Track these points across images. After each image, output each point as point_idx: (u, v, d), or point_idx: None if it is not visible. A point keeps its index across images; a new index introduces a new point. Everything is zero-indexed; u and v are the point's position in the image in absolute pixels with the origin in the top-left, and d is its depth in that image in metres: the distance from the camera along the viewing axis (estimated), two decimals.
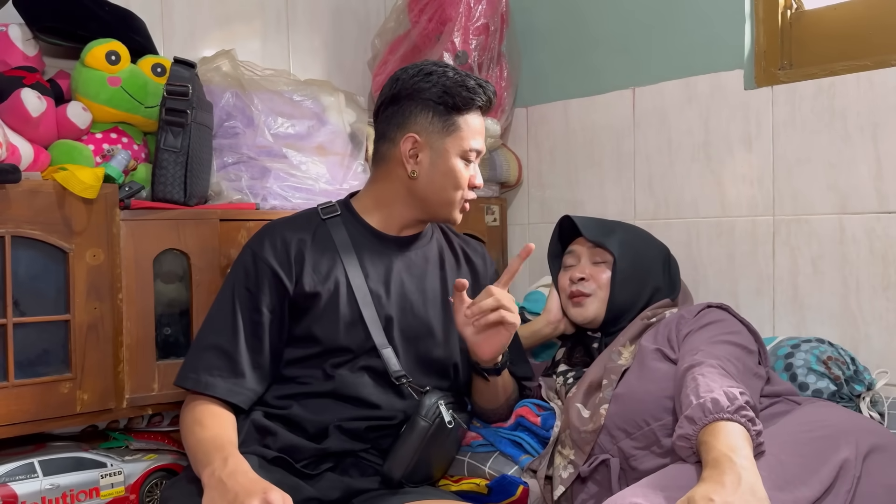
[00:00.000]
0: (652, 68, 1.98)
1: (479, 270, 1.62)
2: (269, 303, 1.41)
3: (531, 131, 2.27)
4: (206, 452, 1.26)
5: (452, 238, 1.63)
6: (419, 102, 1.45)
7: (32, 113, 1.41)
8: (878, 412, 1.47)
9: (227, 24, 2.07)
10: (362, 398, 1.41)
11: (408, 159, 1.46)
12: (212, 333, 1.40)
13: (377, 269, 1.47)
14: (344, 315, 1.42)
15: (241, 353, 1.38)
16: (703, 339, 1.35)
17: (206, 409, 1.35)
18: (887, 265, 1.61)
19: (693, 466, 1.15)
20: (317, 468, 1.39)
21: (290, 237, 1.45)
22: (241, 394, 1.37)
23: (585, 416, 1.41)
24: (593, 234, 1.58)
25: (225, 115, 1.74)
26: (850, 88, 1.65)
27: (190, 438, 1.32)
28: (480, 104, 1.48)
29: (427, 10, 2.12)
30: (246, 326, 1.40)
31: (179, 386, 1.39)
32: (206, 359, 1.38)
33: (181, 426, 1.36)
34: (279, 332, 1.42)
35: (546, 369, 1.67)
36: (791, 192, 1.74)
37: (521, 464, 1.47)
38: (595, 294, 1.56)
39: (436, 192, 1.47)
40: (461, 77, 1.46)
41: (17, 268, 1.37)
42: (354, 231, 1.49)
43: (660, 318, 1.51)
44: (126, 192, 1.50)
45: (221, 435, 1.30)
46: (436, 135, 1.45)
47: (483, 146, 1.50)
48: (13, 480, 1.35)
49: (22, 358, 1.38)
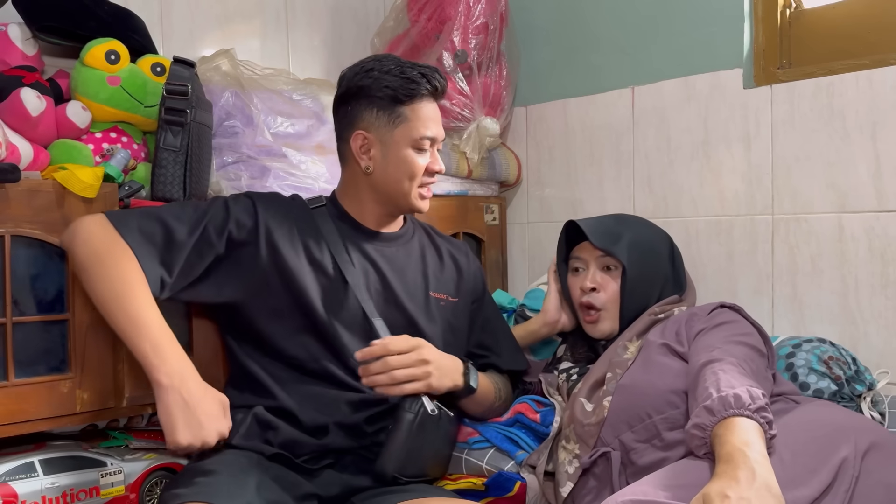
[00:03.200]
0: (651, 67, 1.98)
1: (463, 267, 1.63)
2: (226, 242, 1.41)
3: (530, 130, 2.27)
4: (153, 339, 1.27)
5: (435, 237, 1.65)
6: (363, 99, 1.48)
7: (32, 112, 1.41)
8: (879, 412, 1.48)
9: (227, 24, 2.07)
10: (349, 380, 1.42)
11: (360, 156, 1.49)
12: (171, 215, 1.39)
13: (360, 260, 1.50)
14: (330, 292, 1.44)
15: (183, 250, 1.37)
16: (720, 338, 1.34)
17: (130, 261, 1.32)
18: (886, 264, 1.61)
19: (699, 463, 1.15)
20: (317, 464, 1.39)
21: (289, 213, 1.49)
22: (155, 278, 1.35)
23: (589, 409, 1.41)
24: (601, 241, 1.55)
25: (224, 114, 1.74)
26: (849, 87, 1.65)
27: (110, 271, 1.30)
28: (426, 92, 1.48)
29: (426, 9, 2.12)
30: (201, 236, 1.40)
31: (108, 218, 1.35)
32: (149, 226, 1.37)
33: (84, 232, 1.33)
34: (204, 265, 1.40)
35: (547, 365, 1.67)
36: (790, 190, 1.74)
37: (518, 459, 1.47)
38: (606, 308, 1.55)
39: (391, 184, 1.49)
40: (402, 68, 1.47)
41: (17, 267, 1.37)
42: (339, 222, 1.52)
43: (668, 315, 1.51)
44: (126, 192, 1.50)
45: (163, 324, 1.30)
46: (383, 128, 1.47)
47: (438, 132, 1.51)
48: (13, 479, 1.34)
49: (22, 357, 1.37)
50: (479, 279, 1.67)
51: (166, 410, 1.25)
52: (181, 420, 1.24)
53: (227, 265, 1.43)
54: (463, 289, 1.61)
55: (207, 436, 1.25)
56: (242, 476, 1.27)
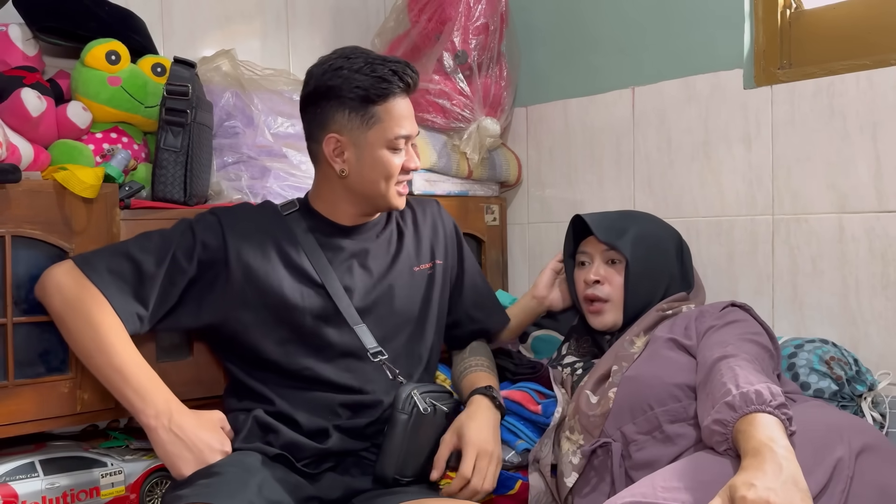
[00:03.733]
0: (651, 68, 1.98)
1: (438, 225, 1.63)
2: (196, 265, 1.40)
3: (531, 131, 2.27)
4: (136, 384, 1.28)
5: (407, 210, 1.62)
6: (334, 100, 1.42)
7: (32, 113, 1.41)
8: (880, 412, 1.48)
9: (227, 24, 2.07)
10: (341, 383, 1.43)
11: (333, 159, 1.45)
12: (138, 248, 1.38)
13: (341, 258, 1.48)
14: (312, 297, 1.44)
15: (155, 280, 1.36)
16: (732, 335, 1.35)
17: (103, 306, 1.31)
18: (887, 264, 1.61)
19: (719, 459, 1.15)
20: (318, 467, 1.39)
21: (259, 223, 1.46)
22: (131, 316, 1.34)
23: (594, 401, 1.42)
24: (605, 235, 1.56)
25: (225, 114, 1.74)
26: (850, 88, 1.65)
27: (84, 323, 1.30)
28: (399, 90, 1.43)
29: (427, 10, 2.12)
30: (171, 264, 1.38)
31: (76, 264, 1.33)
32: (117, 265, 1.35)
33: (54, 284, 1.32)
34: (178, 291, 1.39)
35: (551, 360, 1.67)
36: (790, 191, 1.74)
37: (518, 448, 1.47)
38: (611, 299, 1.56)
39: (368, 185, 1.46)
40: (371, 66, 1.41)
41: (18, 267, 1.37)
42: (314, 224, 1.50)
43: (676, 312, 1.52)
44: (126, 192, 1.50)
45: (144, 366, 1.31)
46: (356, 130, 1.42)
47: (412, 129, 1.47)
48: (14, 480, 1.34)
49: (22, 357, 1.37)
50: (453, 235, 1.66)
51: (163, 450, 1.27)
52: (179, 455, 1.27)
53: (201, 287, 1.42)
54: (441, 249, 1.61)
55: (209, 460, 1.28)
56: (245, 476, 1.27)
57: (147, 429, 1.28)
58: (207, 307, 1.42)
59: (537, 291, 1.74)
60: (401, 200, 1.50)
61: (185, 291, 1.40)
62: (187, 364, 1.55)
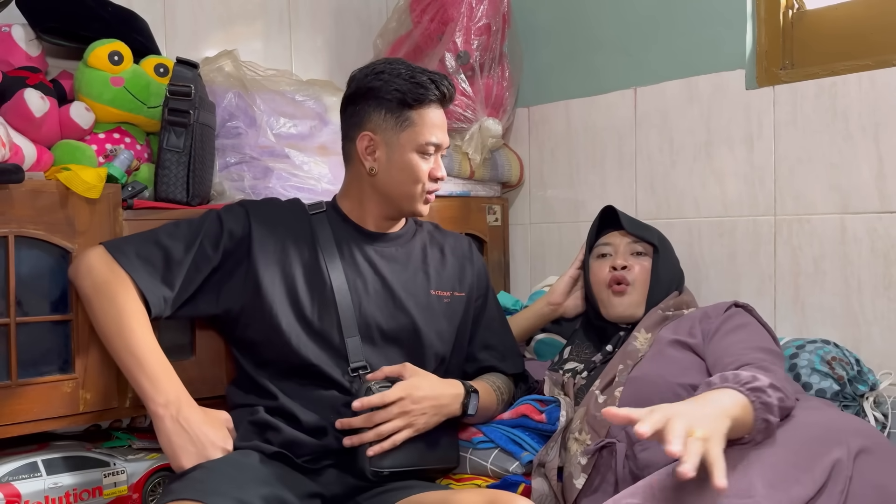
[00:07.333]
0: (653, 68, 1.98)
1: (466, 261, 1.63)
2: (222, 253, 1.44)
3: (533, 131, 2.27)
4: (150, 372, 1.30)
5: (436, 234, 1.65)
6: (372, 101, 1.48)
7: (35, 113, 1.41)
8: (882, 413, 1.48)
9: (230, 25, 2.07)
10: (344, 384, 1.43)
11: (365, 157, 1.50)
12: (166, 235, 1.42)
13: (358, 262, 1.50)
14: (322, 297, 1.45)
15: (182, 266, 1.40)
16: (749, 346, 1.35)
17: (129, 291, 1.35)
18: (889, 265, 1.61)
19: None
20: (318, 464, 1.40)
21: (284, 219, 1.50)
22: (157, 298, 1.38)
23: (601, 401, 1.43)
24: (634, 227, 1.63)
25: (227, 115, 1.75)
26: (852, 88, 1.65)
27: (109, 306, 1.34)
28: (434, 98, 1.50)
29: (429, 11, 2.12)
30: (198, 252, 1.42)
31: (107, 249, 1.37)
32: (146, 250, 1.40)
33: (85, 266, 1.36)
34: (201, 278, 1.43)
35: (552, 364, 1.67)
36: (792, 191, 1.74)
37: (523, 460, 1.47)
38: (635, 285, 1.58)
39: (395, 186, 1.50)
40: (412, 72, 1.48)
41: (21, 267, 1.37)
42: (337, 226, 1.53)
43: (678, 315, 1.55)
44: (129, 192, 1.50)
45: (160, 356, 1.34)
46: (390, 131, 1.48)
47: (443, 139, 1.52)
48: (17, 479, 1.35)
49: (25, 357, 1.38)
50: (482, 275, 1.67)
51: (167, 439, 1.28)
52: (181, 446, 1.27)
53: (223, 275, 1.46)
54: (467, 283, 1.61)
55: (210, 455, 1.28)
56: (238, 474, 1.27)
57: (154, 416, 1.29)
58: (225, 295, 1.46)
59: (553, 298, 1.75)
60: (425, 208, 1.54)
61: (207, 279, 1.44)
62: (190, 364, 1.55)
